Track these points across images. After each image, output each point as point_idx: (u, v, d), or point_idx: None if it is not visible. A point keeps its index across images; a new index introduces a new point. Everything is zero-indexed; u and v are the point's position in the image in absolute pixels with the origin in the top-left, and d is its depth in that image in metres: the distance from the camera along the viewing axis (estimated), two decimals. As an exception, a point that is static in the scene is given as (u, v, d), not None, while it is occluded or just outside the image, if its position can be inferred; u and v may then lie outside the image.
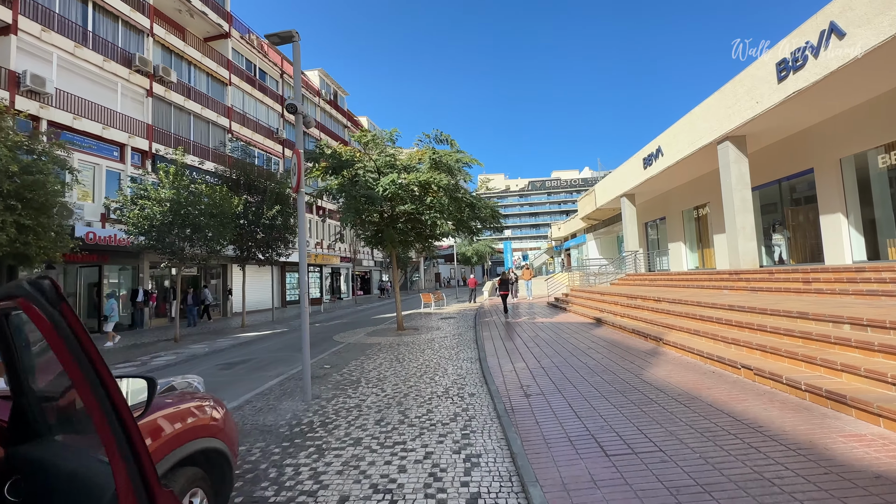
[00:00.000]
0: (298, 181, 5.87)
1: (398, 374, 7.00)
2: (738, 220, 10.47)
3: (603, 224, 29.46)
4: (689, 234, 17.75)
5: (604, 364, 6.57)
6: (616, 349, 7.56)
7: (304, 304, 5.81)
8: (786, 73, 8.06)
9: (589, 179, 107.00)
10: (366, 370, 7.43)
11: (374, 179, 10.08)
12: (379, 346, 10.05)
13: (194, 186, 13.38)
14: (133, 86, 18.40)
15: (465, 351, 8.77)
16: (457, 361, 7.75)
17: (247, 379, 7.56)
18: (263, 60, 27.84)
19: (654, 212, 20.44)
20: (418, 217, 10.67)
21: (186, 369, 8.85)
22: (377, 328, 13.78)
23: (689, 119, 12.35)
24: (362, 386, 6.33)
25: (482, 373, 6.64)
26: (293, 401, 5.75)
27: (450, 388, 5.91)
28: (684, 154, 12.68)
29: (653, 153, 15.33)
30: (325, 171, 10.37)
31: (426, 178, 9.68)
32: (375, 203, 9.58)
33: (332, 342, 11.36)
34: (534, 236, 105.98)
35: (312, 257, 29.69)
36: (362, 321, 17.05)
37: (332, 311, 23.34)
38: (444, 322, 14.46)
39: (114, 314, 13.10)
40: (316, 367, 7.97)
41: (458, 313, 17.66)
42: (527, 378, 6.05)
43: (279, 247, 17.52)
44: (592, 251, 32.71)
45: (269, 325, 17.34)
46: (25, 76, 14.13)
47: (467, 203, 11.36)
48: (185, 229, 12.50)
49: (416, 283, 54.85)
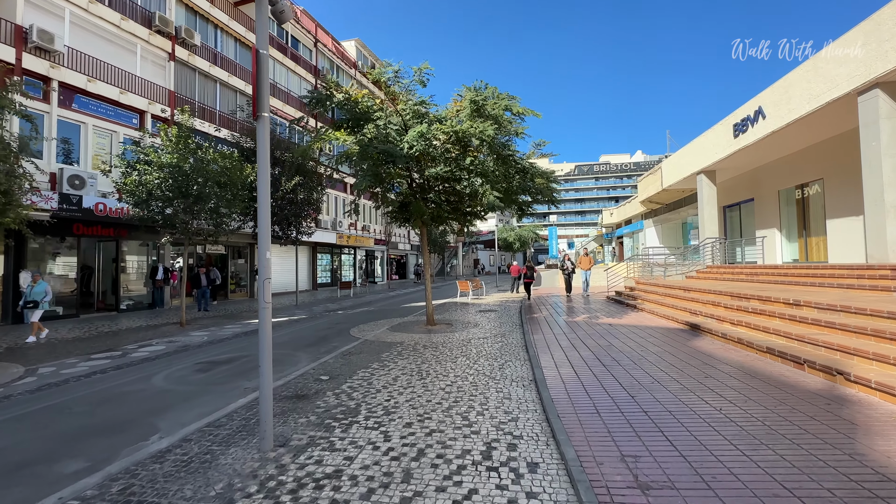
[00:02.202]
0: (254, 101, 3.66)
1: (416, 401, 4.76)
2: (890, 197, 7.42)
3: (667, 208, 25.81)
4: (788, 219, 14.39)
5: (760, 417, 3.96)
6: (758, 384, 4.86)
7: (265, 299, 3.64)
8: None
9: (642, 163, 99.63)
10: (372, 389, 5.25)
11: (397, 133, 7.76)
12: (400, 347, 7.89)
13: (201, 152, 11.71)
14: (153, 48, 17.08)
15: (513, 364, 6.39)
16: (502, 383, 5.40)
17: (215, 391, 5.62)
18: (296, 27, 26.10)
19: (738, 193, 17.07)
20: (454, 184, 8.28)
21: (163, 366, 7.12)
22: (404, 320, 11.68)
23: (813, 65, 9.16)
24: (359, 423, 4.14)
25: (544, 413, 4.24)
26: (246, 449, 3.66)
27: (494, 446, 3.58)
28: (801, 113, 9.60)
29: (749, 116, 12.09)
30: (337, 126, 8.16)
31: (465, 129, 7.21)
32: (398, 162, 7.22)
33: (346, 337, 9.35)
34: (579, 223, 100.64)
35: (345, 239, 28.17)
36: (390, 310, 15.06)
37: (361, 297, 21.63)
38: (482, 316, 12.12)
39: (46, 299, 9.81)
40: (311, 377, 5.91)
41: (500, 305, 15.24)
42: (629, 439, 3.59)
43: (301, 224, 15.74)
44: (651, 239, 29.12)
45: (290, 310, 15.76)
46: (32, 31, 12.95)
47: (518, 169, 8.80)
48: (187, 199, 10.85)
49: (454, 269, 52.70)
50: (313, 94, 7.65)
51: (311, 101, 7.65)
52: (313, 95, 7.64)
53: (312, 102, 7.64)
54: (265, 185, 3.67)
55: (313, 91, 7.73)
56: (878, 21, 7.48)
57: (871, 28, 7.66)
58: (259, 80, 3.68)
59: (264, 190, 3.68)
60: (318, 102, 7.59)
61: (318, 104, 7.60)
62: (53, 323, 12.71)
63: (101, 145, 15.06)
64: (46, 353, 8.31)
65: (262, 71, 3.68)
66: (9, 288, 12.59)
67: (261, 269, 3.68)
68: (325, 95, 7.60)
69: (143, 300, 16.65)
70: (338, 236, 27.27)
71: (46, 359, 7.85)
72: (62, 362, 7.54)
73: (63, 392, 5.73)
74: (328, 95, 7.64)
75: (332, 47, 30.21)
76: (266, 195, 3.68)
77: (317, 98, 7.58)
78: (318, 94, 7.63)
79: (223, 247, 21.21)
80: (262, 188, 3.67)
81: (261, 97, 3.68)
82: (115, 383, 6.10)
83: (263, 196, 3.67)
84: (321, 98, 7.57)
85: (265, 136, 3.70)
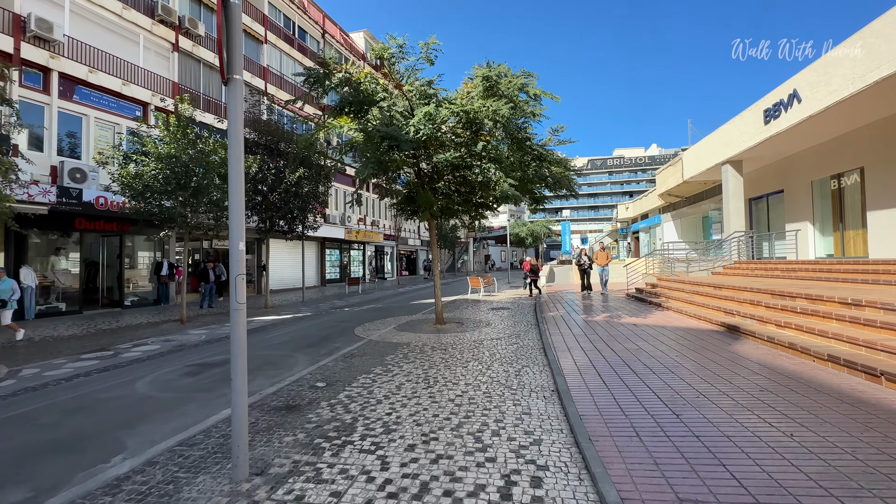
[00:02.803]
0: (222, 61, 3.04)
1: (421, 415, 4.13)
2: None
3: (686, 201, 24.76)
4: (822, 211, 13.44)
5: (846, 447, 3.23)
6: (829, 401, 4.09)
7: (237, 299, 3.03)
8: None
9: (657, 157, 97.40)
10: (373, 400, 4.64)
11: (402, 117, 7.07)
12: (406, 349, 7.27)
13: (201, 142, 11.23)
14: (157, 38, 16.67)
15: (531, 370, 5.72)
16: (519, 394, 4.73)
17: (199, 399, 5.06)
18: (303, 17, 25.55)
19: (766, 184, 16.13)
20: (465, 172, 7.59)
21: (153, 368, 6.62)
22: (412, 318, 11.06)
23: (860, 40, 8.24)
24: (353, 444, 3.52)
25: (572, 433, 3.57)
26: (216, 477, 3.06)
27: (514, 479, 2.92)
28: (843, 95, 8.73)
29: (782, 101, 11.21)
30: (339, 110, 7.50)
31: (478, 108, 6.49)
32: (403, 147, 6.54)
33: (349, 337, 8.77)
34: (592, 218, 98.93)
35: (353, 234, 27.68)
36: (399, 307, 14.47)
37: (369, 293, 21.11)
38: (495, 314, 11.44)
39: (14, 297, 8.77)
40: (307, 384, 5.32)
41: (512, 302, 14.54)
42: (683, 474, 2.90)
43: (306, 218, 15.20)
44: (669, 234, 28.11)
45: (295, 306, 15.29)
46: (30, 19, 12.59)
47: (535, 155, 8.06)
48: (185, 191, 10.37)
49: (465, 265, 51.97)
50: (309, 72, 6.95)
51: (307, 79, 6.97)
52: (309, 73, 6.94)
53: (309, 81, 6.96)
54: (237, 162, 3.05)
55: (309, 69, 7.02)
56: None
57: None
58: (229, 35, 3.05)
59: (236, 170, 3.06)
60: (316, 82, 6.90)
61: (314, 83, 6.92)
62: (55, 320, 12.43)
63: (104, 138, 14.70)
64: (36, 353, 7.90)
65: (234, 24, 3.05)
66: (9, 284, 12.30)
67: (232, 264, 3.07)
68: (323, 73, 6.91)
69: (149, 296, 16.36)
70: (346, 231, 26.79)
71: (35, 358, 7.43)
72: (49, 363, 7.10)
73: (38, 398, 5.25)
74: (326, 74, 6.94)
75: (341, 38, 29.63)
76: (238, 175, 3.06)
77: (314, 77, 6.89)
78: (315, 71, 6.92)
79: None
80: (233, 168, 3.05)
81: (231, 55, 3.05)
82: (95, 388, 5.60)
83: (236, 177, 3.05)
84: (318, 77, 6.87)
85: (237, 103, 3.08)
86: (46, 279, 13.44)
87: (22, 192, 11.06)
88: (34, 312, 12.56)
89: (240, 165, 3.07)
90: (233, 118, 3.06)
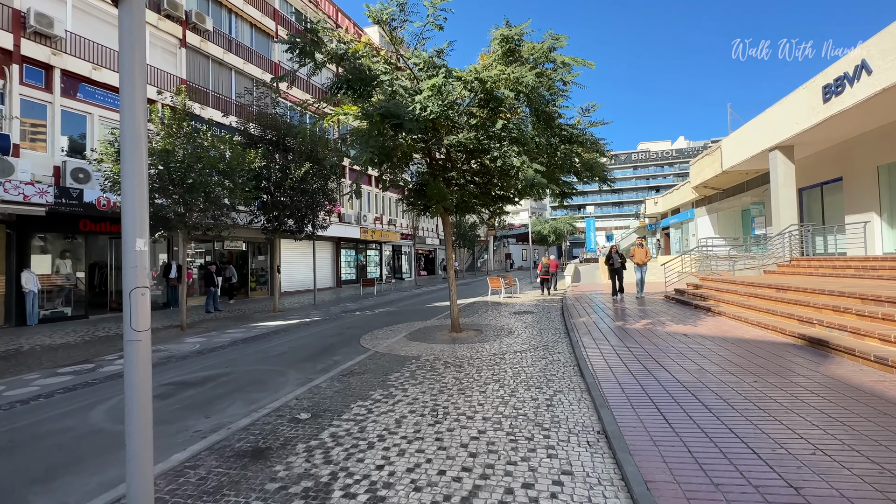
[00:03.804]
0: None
1: (421, 472, 3.04)
2: None
3: (724, 194, 22.90)
4: (891, 201, 11.82)
5: None
6: None
7: (133, 326, 2.01)
8: None
9: (685, 150, 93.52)
10: (362, 443, 3.58)
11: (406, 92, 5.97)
12: (415, 364, 6.20)
13: (199, 137, 10.49)
14: (163, 34, 16.15)
15: (566, 398, 4.55)
16: (555, 438, 3.59)
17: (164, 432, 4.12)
18: (315, 12, 24.83)
19: (820, 172, 14.47)
20: (482, 156, 6.44)
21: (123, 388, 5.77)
22: (425, 325, 10.01)
23: None
24: (321, 526, 2.47)
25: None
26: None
27: None
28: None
29: (846, 74, 9.74)
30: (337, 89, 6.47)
31: (495, 77, 5.32)
32: (406, 126, 5.42)
33: (353, 348, 7.77)
34: (616, 215, 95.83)
35: (369, 233, 26.88)
36: (413, 311, 13.45)
37: (384, 295, 20.20)
38: (517, 320, 10.26)
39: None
40: (288, 415, 4.32)
41: (536, 306, 13.30)
42: None
43: (316, 217, 14.35)
44: (704, 229, 26.17)
45: (305, 310, 14.47)
46: (30, 14, 12.14)
47: (564, 136, 6.84)
48: (179, 188, 9.61)
49: (485, 265, 50.66)
50: (292, 39, 5.84)
51: (290, 46, 5.90)
52: (292, 40, 5.83)
53: (293, 51, 5.90)
54: (134, 126, 2.04)
55: (292, 35, 5.91)
56: None
57: None
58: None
59: (132, 134, 2.05)
60: (302, 53, 5.81)
61: (301, 54, 5.84)
62: (57, 326, 11.95)
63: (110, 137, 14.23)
64: (14, 365, 7.22)
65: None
66: (11, 288, 11.90)
67: (126, 271, 2.05)
68: (311, 42, 5.80)
69: (158, 300, 15.87)
70: (362, 231, 26.00)
71: (8, 372, 6.72)
72: (19, 378, 6.37)
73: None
74: (315, 42, 5.83)
75: (355, 33, 28.86)
76: (135, 140, 2.05)
77: (300, 47, 5.77)
78: (298, 38, 5.75)
79: (243, 243, 20.35)
80: (127, 136, 2.04)
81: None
82: (45, 416, 4.76)
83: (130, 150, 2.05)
84: (304, 48, 5.74)
85: (133, 30, 2.07)
86: (55, 282, 13.02)
87: (17, 193, 10.57)
88: (37, 318, 12.11)
89: (139, 140, 2.05)
90: (127, 52, 2.05)
